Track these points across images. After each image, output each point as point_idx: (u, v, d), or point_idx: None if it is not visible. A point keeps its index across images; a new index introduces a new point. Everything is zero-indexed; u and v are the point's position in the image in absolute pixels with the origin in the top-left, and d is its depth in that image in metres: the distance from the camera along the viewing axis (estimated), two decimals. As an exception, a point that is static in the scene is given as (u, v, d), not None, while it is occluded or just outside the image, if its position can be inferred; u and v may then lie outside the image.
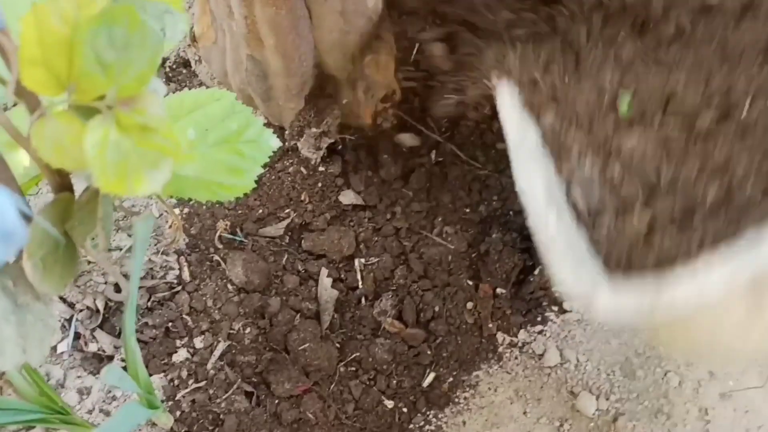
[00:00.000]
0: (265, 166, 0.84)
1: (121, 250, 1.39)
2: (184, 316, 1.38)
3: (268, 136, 0.85)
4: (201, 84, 1.59)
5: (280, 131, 1.46)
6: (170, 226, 1.37)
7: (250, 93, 1.42)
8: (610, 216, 0.96)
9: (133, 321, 0.85)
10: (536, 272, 1.42)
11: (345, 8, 1.23)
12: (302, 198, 1.51)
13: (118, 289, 1.38)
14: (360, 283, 1.45)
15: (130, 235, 1.41)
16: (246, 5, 1.19)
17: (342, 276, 1.46)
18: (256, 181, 0.83)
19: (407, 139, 1.56)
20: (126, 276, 1.35)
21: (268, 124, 1.45)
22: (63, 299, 1.38)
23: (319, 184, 1.51)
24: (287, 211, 1.50)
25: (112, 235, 1.40)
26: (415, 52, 1.40)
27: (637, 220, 0.94)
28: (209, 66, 1.47)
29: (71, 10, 0.50)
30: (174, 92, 1.53)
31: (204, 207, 1.48)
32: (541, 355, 1.37)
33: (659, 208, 0.95)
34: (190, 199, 1.41)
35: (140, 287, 1.37)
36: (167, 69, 1.66)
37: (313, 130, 1.45)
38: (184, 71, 1.67)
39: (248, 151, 0.84)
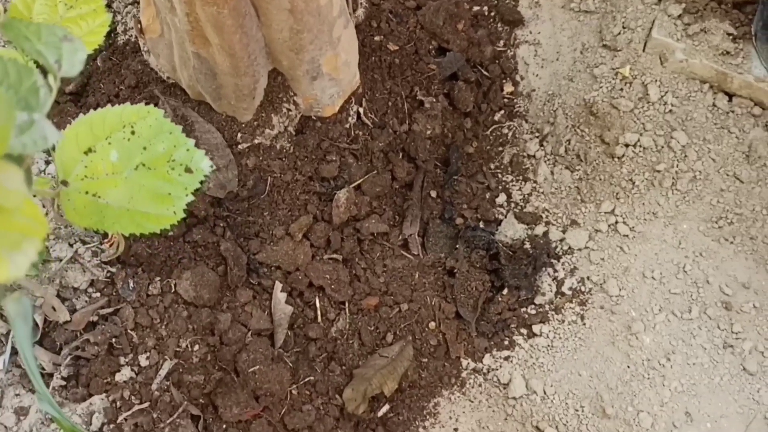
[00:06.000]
0: (196, 192, 0.75)
1: (60, 260, 1.30)
2: (128, 331, 1.29)
3: (199, 159, 0.76)
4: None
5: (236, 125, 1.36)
6: (109, 240, 1.27)
7: (199, 90, 1.32)
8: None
9: (44, 387, 0.78)
10: (504, 291, 1.32)
11: (294, 6, 1.11)
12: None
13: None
14: (317, 299, 1.36)
15: (71, 245, 1.31)
16: (186, 3, 1.08)
17: (298, 289, 1.37)
18: (185, 211, 0.74)
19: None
20: (61, 296, 1.27)
21: (225, 117, 1.36)
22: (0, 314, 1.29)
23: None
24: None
25: (51, 246, 1.31)
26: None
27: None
28: (156, 59, 1.36)
29: None
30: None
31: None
32: (506, 384, 1.28)
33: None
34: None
35: (83, 305, 1.29)
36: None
37: (267, 131, 1.35)
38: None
39: (177, 176, 0.74)
